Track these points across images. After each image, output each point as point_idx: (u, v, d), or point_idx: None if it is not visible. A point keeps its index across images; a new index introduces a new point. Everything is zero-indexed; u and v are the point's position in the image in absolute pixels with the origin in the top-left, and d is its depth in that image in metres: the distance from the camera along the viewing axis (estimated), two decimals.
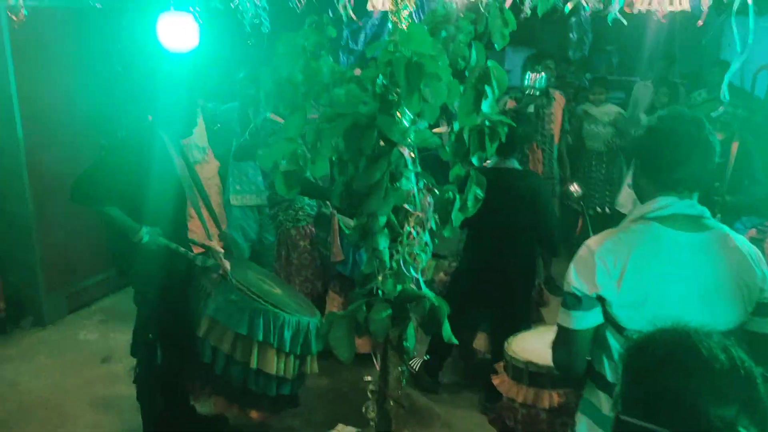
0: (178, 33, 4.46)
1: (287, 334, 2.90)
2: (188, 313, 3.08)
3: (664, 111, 1.87)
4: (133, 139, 3.06)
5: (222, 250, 3.02)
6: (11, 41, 4.14)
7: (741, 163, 3.90)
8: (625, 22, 2.31)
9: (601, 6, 2.85)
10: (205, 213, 3.21)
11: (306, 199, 4.01)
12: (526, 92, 4.80)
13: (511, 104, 5.03)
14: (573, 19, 8.31)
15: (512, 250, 3.34)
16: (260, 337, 2.84)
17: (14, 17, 2.16)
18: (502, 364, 2.62)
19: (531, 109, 4.90)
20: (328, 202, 3.94)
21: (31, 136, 4.38)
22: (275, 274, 3.98)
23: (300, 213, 4.01)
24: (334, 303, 4.06)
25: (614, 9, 2.13)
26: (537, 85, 4.86)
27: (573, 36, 8.55)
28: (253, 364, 2.88)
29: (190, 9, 3.82)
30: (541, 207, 3.33)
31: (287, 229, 4.05)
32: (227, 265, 2.93)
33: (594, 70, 8.09)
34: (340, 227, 3.84)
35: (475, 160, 2.19)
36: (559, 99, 5.10)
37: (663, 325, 1.16)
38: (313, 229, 4.07)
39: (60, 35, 4.49)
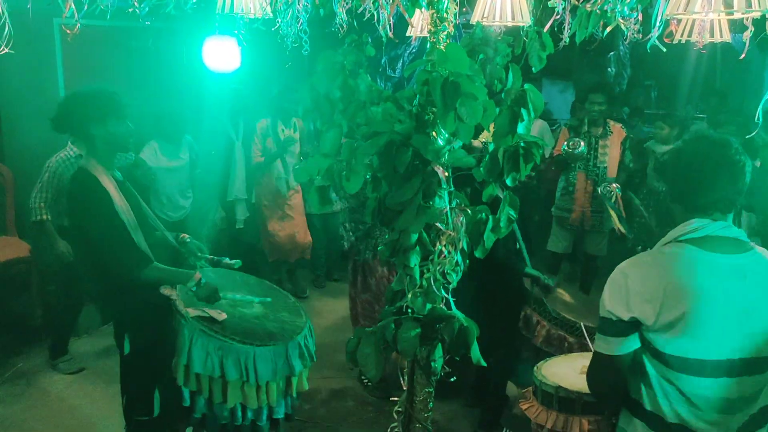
0: (222, 55, 4.62)
1: (262, 367, 2.70)
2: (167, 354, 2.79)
3: (688, 134, 1.86)
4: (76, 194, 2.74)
5: (173, 292, 2.72)
6: (63, 54, 4.32)
7: None
8: (664, 50, 2.30)
9: (640, 36, 2.85)
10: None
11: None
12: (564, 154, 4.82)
13: (564, 133, 5.02)
14: (612, 53, 8.31)
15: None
16: (234, 377, 2.66)
17: (68, 31, 2.24)
18: (530, 388, 2.58)
19: (583, 148, 4.85)
20: None
21: None
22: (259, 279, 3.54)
23: (380, 240, 3.93)
24: None
25: (654, 35, 2.12)
26: (576, 152, 4.81)
27: (611, 70, 8.54)
28: (231, 403, 2.71)
29: (234, 32, 3.93)
30: None
31: (366, 257, 4.02)
32: (181, 306, 2.69)
33: (632, 105, 8.06)
34: None
35: (509, 181, 2.19)
36: (617, 132, 4.95)
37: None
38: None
39: (108, 51, 4.66)
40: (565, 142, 4.83)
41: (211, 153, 5.09)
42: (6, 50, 2.08)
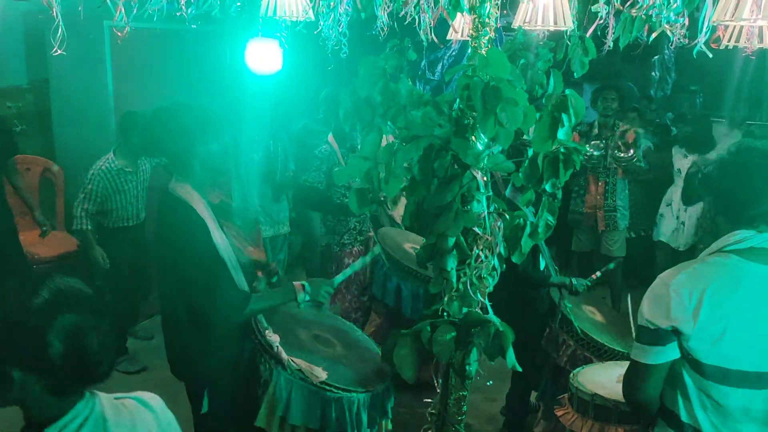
0: (264, 57, 4.68)
1: (364, 416, 2.48)
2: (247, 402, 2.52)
3: (735, 145, 1.82)
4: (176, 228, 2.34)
5: (276, 338, 2.45)
6: (112, 56, 4.46)
7: None
8: (710, 55, 2.27)
9: (687, 41, 2.80)
10: None
11: (352, 222, 4.04)
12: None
13: (575, 138, 5.00)
14: (656, 57, 8.16)
15: None
16: (334, 429, 2.42)
17: (119, 33, 2.31)
18: (566, 395, 2.56)
19: (596, 151, 4.93)
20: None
21: None
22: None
23: (345, 237, 4.06)
24: (374, 323, 3.99)
25: (701, 40, 2.09)
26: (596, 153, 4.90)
27: (655, 74, 8.39)
28: None
29: (277, 34, 3.99)
30: None
31: (334, 252, 4.09)
32: (284, 354, 2.42)
33: (676, 110, 7.89)
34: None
35: (548, 187, 2.18)
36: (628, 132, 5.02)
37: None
38: (362, 249, 4.10)
39: (155, 54, 4.78)
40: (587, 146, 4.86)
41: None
42: (60, 52, 2.15)
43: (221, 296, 2.29)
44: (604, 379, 2.51)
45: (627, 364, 1.84)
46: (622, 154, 4.89)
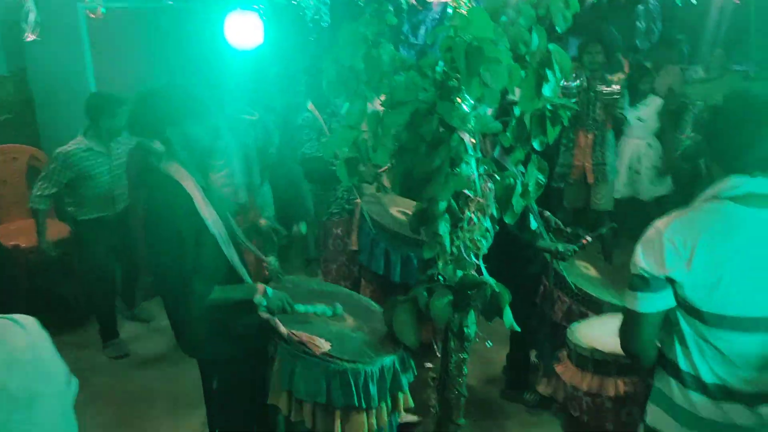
0: (244, 31, 4.61)
1: (373, 389, 2.38)
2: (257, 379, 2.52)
3: (729, 90, 1.78)
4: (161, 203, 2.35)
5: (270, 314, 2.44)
6: (90, 39, 4.39)
7: None
8: (694, 2, 2.24)
9: None
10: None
11: (340, 191, 4.00)
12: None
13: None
14: (641, 7, 8.07)
15: None
16: (341, 403, 2.33)
17: (92, 14, 2.27)
18: (565, 351, 2.58)
19: (577, 82, 4.89)
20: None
21: None
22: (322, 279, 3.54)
23: (333, 206, 4.06)
24: (365, 291, 3.84)
25: None
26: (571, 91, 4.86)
27: (641, 25, 8.30)
28: None
29: (255, 7, 3.92)
30: None
31: (323, 221, 4.13)
32: (282, 329, 2.38)
33: (664, 60, 7.83)
34: (363, 218, 3.61)
35: (536, 144, 2.17)
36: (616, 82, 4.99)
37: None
38: (349, 218, 4.03)
39: (134, 34, 4.71)
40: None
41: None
42: (33, 37, 2.12)
43: (194, 278, 2.28)
44: (601, 333, 2.52)
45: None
46: (604, 89, 4.82)
